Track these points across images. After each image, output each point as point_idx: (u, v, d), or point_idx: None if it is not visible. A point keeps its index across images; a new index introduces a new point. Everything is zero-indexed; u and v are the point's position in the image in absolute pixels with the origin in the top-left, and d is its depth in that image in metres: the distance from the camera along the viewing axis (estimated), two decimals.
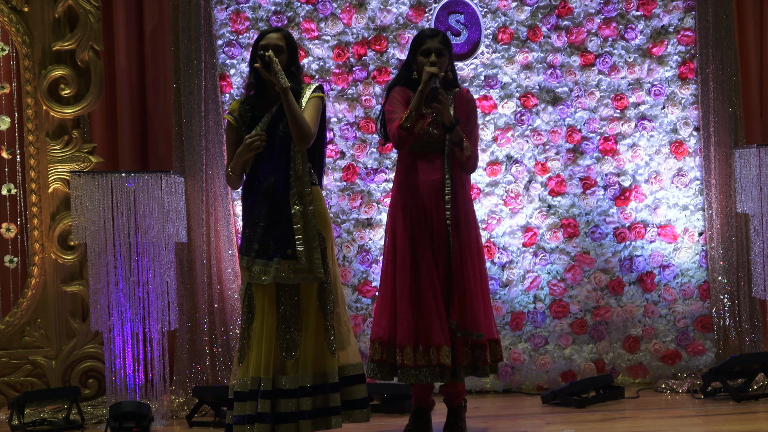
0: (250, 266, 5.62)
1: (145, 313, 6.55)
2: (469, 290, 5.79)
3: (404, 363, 5.75)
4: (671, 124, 7.19)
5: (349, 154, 7.17)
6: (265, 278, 5.58)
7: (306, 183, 5.64)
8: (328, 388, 5.62)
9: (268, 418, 5.54)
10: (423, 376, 5.73)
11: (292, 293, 5.64)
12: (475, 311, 5.79)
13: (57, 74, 6.92)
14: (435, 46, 5.79)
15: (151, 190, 6.53)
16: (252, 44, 5.83)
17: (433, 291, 5.74)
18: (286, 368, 5.60)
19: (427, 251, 5.77)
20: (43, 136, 6.94)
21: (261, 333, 5.61)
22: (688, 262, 7.17)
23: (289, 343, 5.60)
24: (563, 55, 7.17)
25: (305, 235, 5.61)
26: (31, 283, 6.96)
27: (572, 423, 6.19)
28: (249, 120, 5.72)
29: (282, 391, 5.58)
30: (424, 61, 5.79)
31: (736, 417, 6.21)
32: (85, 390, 6.93)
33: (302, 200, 5.64)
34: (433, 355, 5.70)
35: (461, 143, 5.76)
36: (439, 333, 5.70)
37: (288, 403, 5.57)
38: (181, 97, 7.04)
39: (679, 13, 7.17)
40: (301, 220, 5.62)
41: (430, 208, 5.81)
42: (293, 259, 5.59)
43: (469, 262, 5.82)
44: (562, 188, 7.17)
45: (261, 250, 5.61)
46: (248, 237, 5.66)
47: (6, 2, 6.90)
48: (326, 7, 7.14)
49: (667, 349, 7.14)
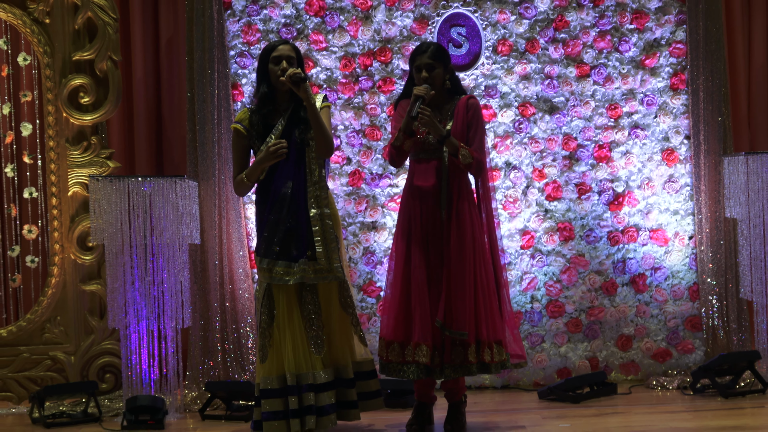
0: (272, 268, 5.66)
1: (160, 311, 6.56)
2: (458, 291, 5.74)
3: (389, 359, 5.79)
4: (663, 133, 7.20)
5: (355, 160, 7.19)
6: (289, 279, 5.63)
7: (322, 188, 5.73)
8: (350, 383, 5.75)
9: (298, 413, 5.62)
10: (405, 372, 5.74)
11: (313, 293, 5.72)
12: (460, 311, 5.73)
13: (77, 83, 6.93)
14: (424, 62, 5.77)
15: (166, 194, 6.54)
16: (260, 54, 5.84)
17: (420, 291, 5.74)
18: (314, 363, 5.68)
19: (421, 253, 5.78)
20: (63, 142, 6.95)
21: (285, 332, 5.67)
22: (678, 265, 7.19)
23: (316, 340, 5.67)
24: (560, 66, 7.19)
25: (324, 236, 5.68)
26: (51, 282, 6.96)
27: (567, 418, 6.21)
28: (261, 128, 5.77)
29: (310, 386, 5.65)
30: (417, 78, 5.79)
31: (723, 412, 6.22)
32: (102, 384, 6.95)
33: (319, 204, 5.72)
34: (409, 353, 5.72)
35: (457, 152, 5.75)
36: (419, 332, 5.71)
37: (317, 397, 5.64)
38: (195, 105, 7.05)
39: (670, 26, 7.19)
40: (319, 223, 5.69)
41: (426, 212, 5.82)
42: (313, 260, 5.66)
43: (467, 264, 5.79)
44: (559, 193, 7.19)
45: (282, 251, 5.66)
46: (267, 240, 5.69)
47: (29, 14, 6.91)
48: (334, 20, 7.16)
49: (658, 348, 7.16)
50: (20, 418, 6.76)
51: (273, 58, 5.74)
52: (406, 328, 5.78)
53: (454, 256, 5.77)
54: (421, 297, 5.75)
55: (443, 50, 5.86)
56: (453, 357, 5.75)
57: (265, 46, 5.90)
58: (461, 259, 5.79)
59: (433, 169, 5.82)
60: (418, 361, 5.71)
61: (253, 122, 5.80)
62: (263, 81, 5.80)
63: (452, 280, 5.75)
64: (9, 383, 6.97)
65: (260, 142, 5.77)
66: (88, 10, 6.90)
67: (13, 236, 7.24)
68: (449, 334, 5.73)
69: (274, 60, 5.74)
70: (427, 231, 5.82)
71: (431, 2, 7.20)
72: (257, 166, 5.71)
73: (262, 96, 5.80)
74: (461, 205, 5.85)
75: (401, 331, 5.79)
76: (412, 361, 5.72)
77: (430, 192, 5.82)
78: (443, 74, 5.84)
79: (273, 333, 5.69)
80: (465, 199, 5.87)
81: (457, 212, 5.82)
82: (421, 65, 5.79)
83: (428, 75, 5.78)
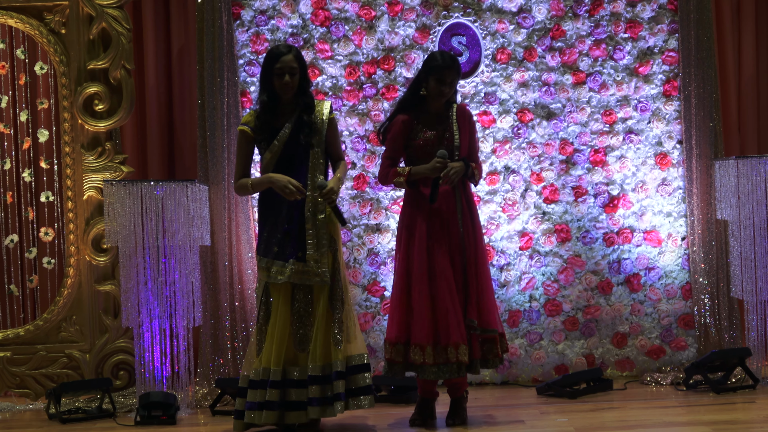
0: (269, 267, 5.72)
1: (172, 311, 6.57)
2: (483, 289, 5.86)
3: (425, 362, 5.77)
4: (656, 138, 7.24)
5: (359, 164, 7.23)
6: (281, 278, 5.68)
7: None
8: (333, 377, 5.70)
9: (275, 406, 5.66)
10: (442, 373, 5.77)
11: (306, 292, 5.76)
12: (490, 309, 5.87)
13: (91, 91, 6.98)
14: (451, 78, 5.88)
15: (177, 198, 6.57)
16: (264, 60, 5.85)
17: (449, 292, 5.77)
18: (298, 360, 5.72)
19: (444, 256, 5.82)
20: (79, 148, 7.00)
21: (275, 328, 5.72)
22: (671, 265, 7.23)
23: (302, 338, 5.72)
24: (557, 73, 7.24)
25: (316, 239, 5.71)
26: (67, 283, 7.02)
27: (565, 412, 6.24)
28: (267, 132, 5.80)
29: (293, 381, 5.70)
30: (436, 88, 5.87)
31: (715, 407, 6.24)
32: (116, 381, 6.99)
33: (316, 207, 5.75)
34: (451, 353, 5.74)
35: (473, 177, 5.91)
36: (456, 332, 5.74)
37: (298, 393, 5.68)
38: (205, 112, 7.08)
39: (663, 35, 7.23)
40: (313, 226, 5.73)
41: (442, 214, 5.87)
42: (302, 261, 5.70)
43: (481, 263, 5.89)
44: (556, 196, 7.23)
45: (279, 252, 5.71)
46: (267, 239, 5.74)
47: (45, 25, 6.95)
48: (339, 29, 7.20)
49: (652, 345, 7.19)
50: (37, 413, 6.80)
51: (276, 70, 5.75)
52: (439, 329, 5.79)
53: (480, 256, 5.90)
54: (452, 298, 5.78)
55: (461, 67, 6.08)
56: (483, 353, 5.86)
57: (268, 50, 5.86)
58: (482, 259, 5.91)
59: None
60: (460, 361, 5.74)
61: (258, 125, 5.83)
62: (264, 89, 5.82)
63: (479, 280, 5.86)
64: (26, 380, 7.00)
65: (266, 144, 5.81)
66: (102, 21, 6.94)
67: (30, 238, 7.24)
68: (481, 333, 5.83)
69: (277, 72, 5.74)
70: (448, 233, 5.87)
71: (433, 12, 7.22)
72: (266, 184, 5.77)
73: (263, 104, 5.82)
74: (472, 205, 5.98)
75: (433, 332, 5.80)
76: (455, 361, 5.74)
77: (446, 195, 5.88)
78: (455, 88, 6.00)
79: (267, 329, 5.76)
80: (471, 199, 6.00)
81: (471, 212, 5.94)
82: (446, 81, 5.88)
83: (449, 89, 5.90)
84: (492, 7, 7.25)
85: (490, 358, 5.92)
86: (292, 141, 5.79)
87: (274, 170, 5.79)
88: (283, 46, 5.86)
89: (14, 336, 7.05)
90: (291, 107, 5.83)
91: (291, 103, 5.83)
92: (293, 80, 5.77)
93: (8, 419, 6.72)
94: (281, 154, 5.82)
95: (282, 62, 5.74)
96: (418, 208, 5.93)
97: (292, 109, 5.83)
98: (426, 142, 5.93)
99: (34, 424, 6.55)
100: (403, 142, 5.97)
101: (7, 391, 7.04)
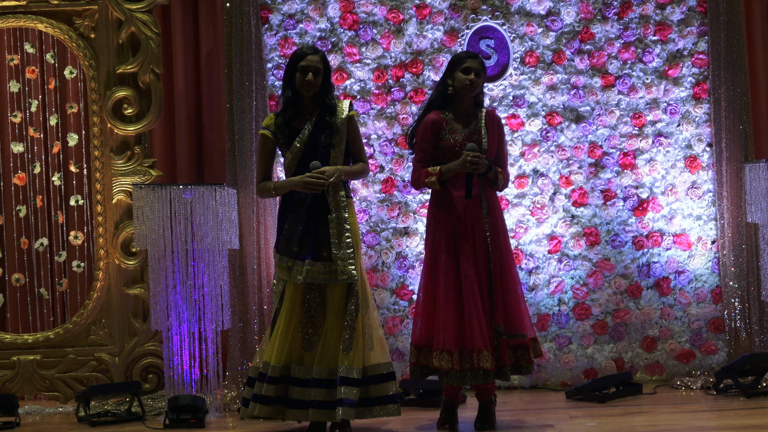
0: (291, 266, 5.71)
1: (201, 314, 6.56)
2: (509, 294, 5.80)
3: (452, 368, 5.70)
4: (686, 141, 7.19)
5: (387, 168, 7.20)
6: (299, 277, 5.67)
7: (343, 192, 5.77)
8: (338, 382, 5.65)
9: (270, 401, 5.68)
10: (467, 379, 5.71)
11: (319, 293, 5.73)
12: (516, 313, 5.79)
13: (120, 95, 6.95)
14: (475, 66, 5.82)
15: (206, 201, 6.54)
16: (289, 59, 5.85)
17: (474, 298, 5.70)
18: (304, 360, 5.70)
19: (469, 261, 5.75)
20: (108, 152, 6.98)
21: (283, 325, 5.72)
22: (701, 268, 7.16)
23: (310, 338, 5.69)
24: (586, 76, 7.19)
25: (339, 239, 5.69)
26: (97, 287, 7.00)
27: (594, 417, 6.18)
28: (288, 132, 5.79)
29: (295, 379, 5.69)
30: (463, 78, 5.80)
31: (746, 412, 6.18)
32: (145, 384, 6.97)
33: (338, 207, 5.74)
34: (474, 359, 5.68)
35: (496, 180, 5.83)
36: (480, 338, 5.68)
37: (300, 392, 5.67)
38: (233, 116, 7.07)
39: (693, 38, 7.17)
40: (336, 226, 5.70)
41: (468, 219, 5.80)
42: (328, 261, 5.68)
43: (507, 267, 5.83)
44: (585, 200, 7.19)
45: (300, 251, 5.71)
46: (287, 238, 5.74)
47: (75, 29, 6.95)
48: (367, 33, 7.18)
49: (682, 349, 7.13)
50: (66, 416, 6.79)
51: (300, 68, 5.76)
52: (464, 335, 5.72)
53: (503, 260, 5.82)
54: (476, 304, 5.72)
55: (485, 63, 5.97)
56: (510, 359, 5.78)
57: (295, 51, 5.89)
58: (508, 264, 5.84)
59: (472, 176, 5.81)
60: (483, 367, 5.68)
61: (278, 126, 5.83)
62: (288, 86, 5.83)
63: (504, 285, 5.80)
64: (56, 383, 6.99)
65: (287, 145, 5.81)
66: (131, 25, 6.93)
67: (60, 242, 7.26)
68: (508, 338, 5.76)
69: (302, 69, 5.75)
70: (473, 237, 5.81)
71: (461, 15, 7.21)
72: (289, 187, 5.76)
73: (286, 101, 5.83)
74: (498, 209, 5.91)
75: (459, 338, 5.73)
76: (477, 368, 5.68)
77: (469, 201, 5.80)
78: (482, 84, 5.90)
79: (278, 325, 5.76)
80: (497, 203, 5.92)
81: (497, 217, 5.87)
82: (472, 68, 5.83)
83: (476, 79, 5.82)
84: (520, 10, 7.23)
85: (523, 364, 5.84)
86: (312, 141, 5.79)
87: (295, 171, 5.79)
88: (310, 47, 5.89)
89: (44, 339, 7.05)
90: (311, 108, 5.85)
91: (311, 104, 5.84)
92: (316, 80, 5.77)
93: (38, 422, 6.71)
94: (302, 155, 5.80)
95: (308, 61, 5.77)
96: (444, 211, 5.87)
97: (312, 111, 5.84)
98: (455, 143, 5.87)
99: (64, 427, 6.53)
100: (434, 142, 5.91)
101: (36, 394, 7.05)
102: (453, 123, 5.91)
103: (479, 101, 5.97)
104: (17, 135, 7.24)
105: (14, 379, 6.98)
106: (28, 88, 7.23)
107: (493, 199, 5.90)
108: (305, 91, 5.77)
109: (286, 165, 5.85)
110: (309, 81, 5.74)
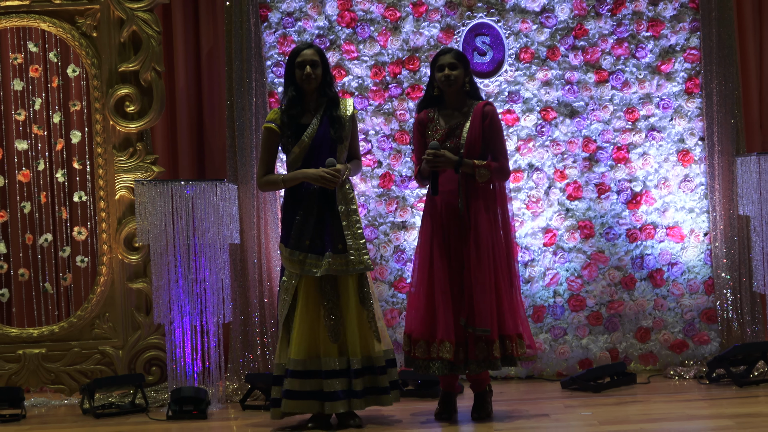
0: (303, 260, 5.71)
1: (203, 308, 6.57)
2: (478, 289, 5.74)
3: (416, 356, 5.81)
4: (678, 135, 7.18)
5: (385, 163, 7.21)
6: (316, 271, 5.68)
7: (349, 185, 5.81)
8: (377, 371, 5.73)
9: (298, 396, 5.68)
10: (434, 368, 5.76)
11: (333, 285, 5.75)
12: (482, 308, 5.74)
13: (122, 93, 6.95)
14: (447, 61, 5.83)
15: (207, 197, 6.56)
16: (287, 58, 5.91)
17: (443, 291, 5.75)
18: (330, 351, 5.71)
19: (443, 254, 5.79)
20: (111, 149, 6.97)
21: (305, 319, 5.72)
22: (694, 260, 7.16)
23: (334, 329, 5.70)
24: (580, 72, 7.18)
25: (352, 230, 5.73)
26: (100, 281, 7.00)
27: (589, 406, 6.19)
28: (294, 128, 5.81)
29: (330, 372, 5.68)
30: (439, 75, 5.83)
31: (738, 401, 6.20)
32: (148, 377, 6.97)
33: (346, 200, 5.78)
34: (434, 350, 5.74)
35: (474, 174, 5.78)
36: (443, 329, 5.72)
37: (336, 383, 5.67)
38: (234, 113, 7.06)
39: (685, 33, 7.16)
40: (347, 218, 5.74)
41: (446, 215, 5.83)
42: (344, 252, 5.71)
43: (485, 263, 5.77)
44: (579, 193, 7.19)
45: (312, 245, 5.72)
46: (297, 233, 5.74)
47: (77, 28, 6.95)
48: (364, 30, 7.18)
49: (675, 339, 7.14)
50: (71, 408, 6.81)
51: (298, 63, 5.81)
52: (431, 325, 5.79)
53: (474, 255, 5.77)
54: (444, 296, 5.76)
55: (464, 55, 5.94)
56: (477, 353, 5.76)
57: (292, 49, 5.90)
58: (480, 258, 5.78)
59: (453, 174, 5.82)
60: (442, 358, 5.73)
61: (284, 122, 5.84)
62: (290, 84, 5.86)
63: (473, 279, 5.76)
64: (61, 376, 7.00)
65: (294, 140, 5.82)
66: (133, 24, 6.93)
67: (64, 238, 7.26)
68: (472, 332, 5.75)
69: (299, 65, 5.80)
70: (449, 232, 5.83)
71: (457, 13, 7.20)
72: (302, 178, 5.76)
73: (290, 98, 5.84)
74: (477, 205, 5.84)
75: (426, 328, 5.80)
76: (437, 358, 5.74)
77: (450, 196, 5.83)
78: (463, 76, 5.88)
79: (295, 320, 5.74)
80: (481, 198, 5.86)
81: (474, 213, 5.83)
82: (444, 64, 5.83)
83: (450, 73, 5.81)
84: (515, 7, 7.22)
85: (490, 359, 5.79)
86: (319, 136, 5.81)
87: (301, 165, 5.82)
88: (304, 43, 5.99)
89: (49, 333, 7.05)
90: (315, 104, 5.87)
91: (315, 99, 5.87)
92: (316, 72, 5.82)
93: (44, 414, 6.73)
94: (309, 149, 5.83)
95: (303, 55, 5.82)
96: (429, 205, 5.94)
97: (317, 106, 5.87)
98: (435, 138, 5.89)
99: (69, 419, 6.56)
100: (422, 140, 5.95)
101: (42, 386, 7.06)
102: (438, 120, 5.92)
103: (472, 93, 5.96)
104: (21, 132, 7.24)
105: (20, 373, 6.99)
106: (31, 87, 7.23)
107: (475, 193, 5.85)
108: (307, 84, 5.81)
109: (290, 160, 5.86)
110: (308, 74, 5.78)
